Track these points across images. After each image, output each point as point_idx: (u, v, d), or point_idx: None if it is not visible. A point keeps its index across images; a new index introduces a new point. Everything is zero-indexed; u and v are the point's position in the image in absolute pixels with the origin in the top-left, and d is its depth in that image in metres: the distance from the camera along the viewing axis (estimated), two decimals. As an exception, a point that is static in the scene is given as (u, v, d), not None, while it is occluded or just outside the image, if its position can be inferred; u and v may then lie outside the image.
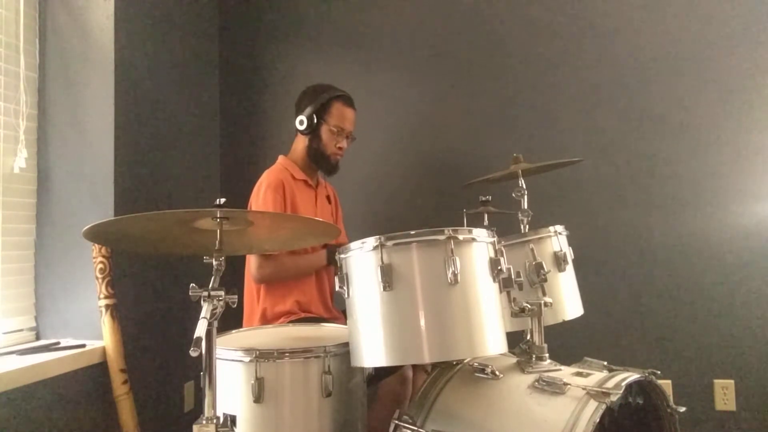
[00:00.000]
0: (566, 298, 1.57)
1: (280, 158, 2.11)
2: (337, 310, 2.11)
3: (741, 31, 2.35)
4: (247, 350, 1.30)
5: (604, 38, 2.47)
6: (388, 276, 1.20)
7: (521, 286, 1.34)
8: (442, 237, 1.21)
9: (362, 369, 1.44)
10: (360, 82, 2.60)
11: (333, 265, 1.99)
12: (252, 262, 1.91)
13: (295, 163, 2.08)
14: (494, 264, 1.26)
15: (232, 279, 1.76)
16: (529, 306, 1.36)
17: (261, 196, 1.93)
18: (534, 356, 1.37)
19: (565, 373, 1.30)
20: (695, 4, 2.40)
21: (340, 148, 2.06)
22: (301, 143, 2.08)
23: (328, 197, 2.21)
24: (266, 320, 1.94)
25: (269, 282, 1.95)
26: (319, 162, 2.07)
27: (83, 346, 1.79)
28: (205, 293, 1.09)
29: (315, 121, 2.02)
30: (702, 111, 2.37)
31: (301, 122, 2.02)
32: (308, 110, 2.02)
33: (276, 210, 1.90)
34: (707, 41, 2.38)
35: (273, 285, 1.96)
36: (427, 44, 2.60)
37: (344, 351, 1.33)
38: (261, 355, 1.29)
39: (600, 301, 2.36)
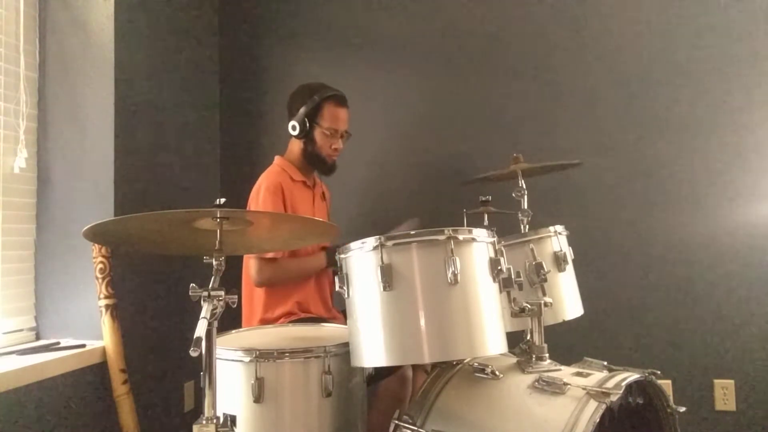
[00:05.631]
0: (566, 298, 1.58)
1: (277, 159, 2.10)
2: (337, 310, 2.11)
3: (740, 32, 2.35)
4: (247, 350, 1.30)
5: (604, 38, 2.47)
6: (388, 276, 1.20)
7: (521, 286, 1.34)
8: (442, 237, 1.21)
9: (362, 369, 1.44)
10: (359, 81, 2.60)
11: (332, 267, 1.99)
12: (251, 266, 1.90)
13: (292, 164, 2.07)
14: (494, 264, 1.27)
15: (232, 279, 1.76)
16: (529, 306, 1.36)
17: (260, 199, 1.93)
18: (534, 356, 1.37)
19: (565, 373, 1.30)
20: (695, 5, 2.40)
21: (335, 149, 2.04)
22: (296, 146, 2.07)
23: (323, 194, 2.22)
24: (266, 321, 1.94)
25: (269, 285, 1.94)
26: (315, 164, 2.06)
27: (83, 346, 1.79)
28: (205, 293, 1.09)
29: (307, 125, 1.99)
30: (702, 111, 2.37)
31: (294, 127, 2.00)
32: (300, 114, 1.99)
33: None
34: (707, 42, 2.37)
35: (272, 287, 1.95)
36: (427, 44, 2.60)
37: (344, 351, 1.33)
38: (261, 355, 1.29)
39: (600, 301, 2.36)
